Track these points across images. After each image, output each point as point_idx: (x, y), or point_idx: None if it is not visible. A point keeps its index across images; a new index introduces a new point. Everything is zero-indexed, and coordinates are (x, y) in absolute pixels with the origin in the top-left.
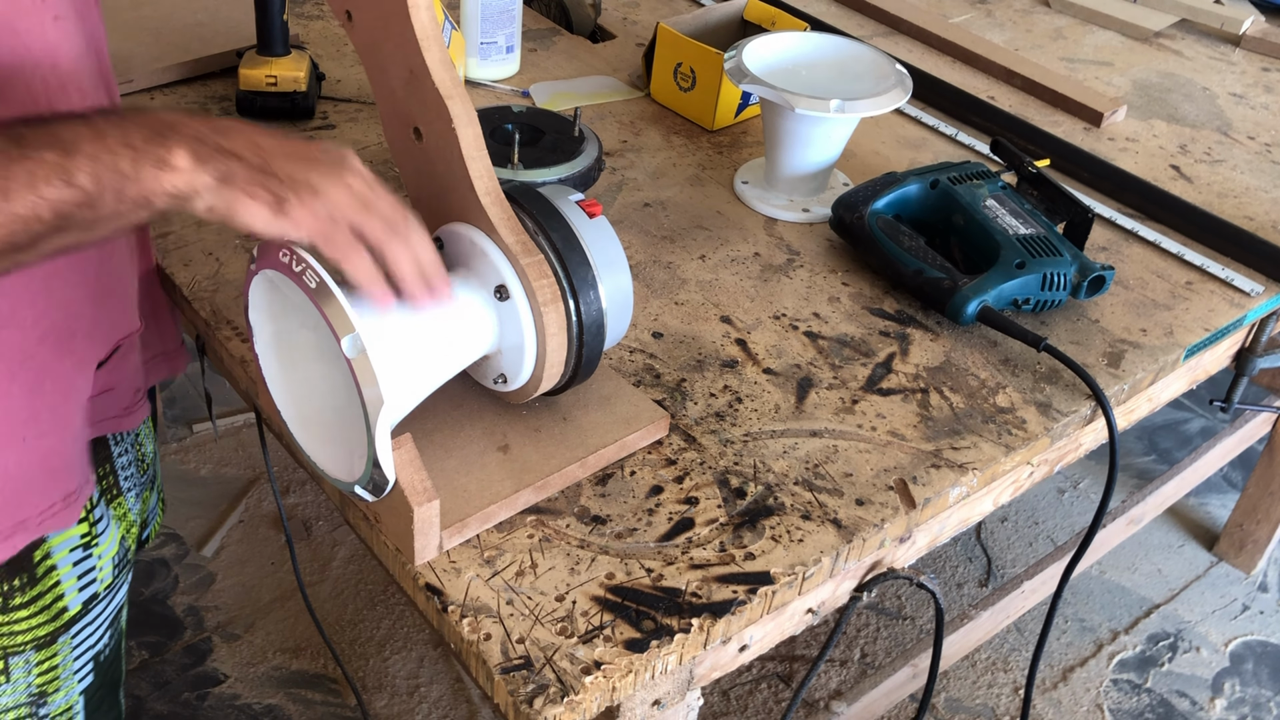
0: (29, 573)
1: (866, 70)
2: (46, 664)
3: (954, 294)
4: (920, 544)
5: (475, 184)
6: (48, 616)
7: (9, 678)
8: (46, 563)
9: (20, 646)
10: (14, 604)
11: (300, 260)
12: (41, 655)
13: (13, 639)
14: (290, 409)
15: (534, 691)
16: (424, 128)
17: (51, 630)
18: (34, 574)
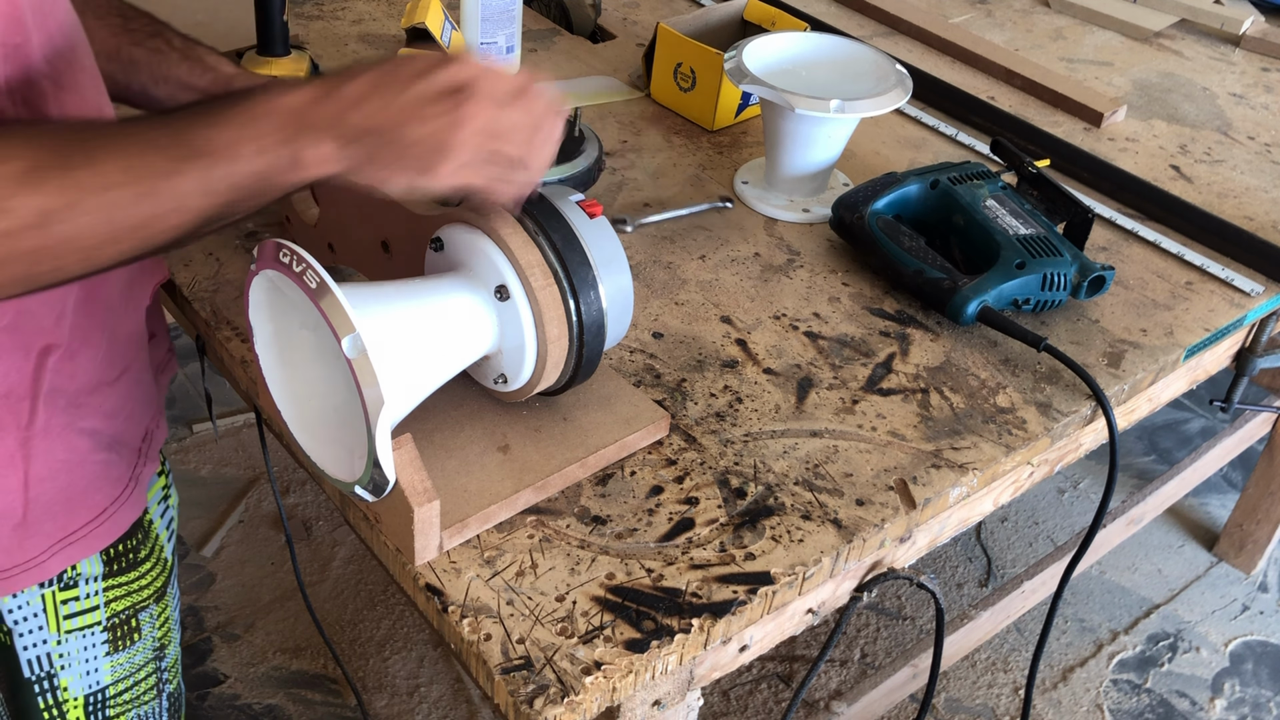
0: (143, 528)
1: (866, 70)
2: (163, 615)
3: (954, 294)
4: (920, 544)
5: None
6: (161, 567)
7: (141, 634)
8: (146, 515)
9: (146, 601)
10: (140, 556)
11: (300, 260)
12: (160, 607)
13: (141, 593)
14: (290, 409)
15: (534, 692)
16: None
17: (164, 581)
18: (143, 523)
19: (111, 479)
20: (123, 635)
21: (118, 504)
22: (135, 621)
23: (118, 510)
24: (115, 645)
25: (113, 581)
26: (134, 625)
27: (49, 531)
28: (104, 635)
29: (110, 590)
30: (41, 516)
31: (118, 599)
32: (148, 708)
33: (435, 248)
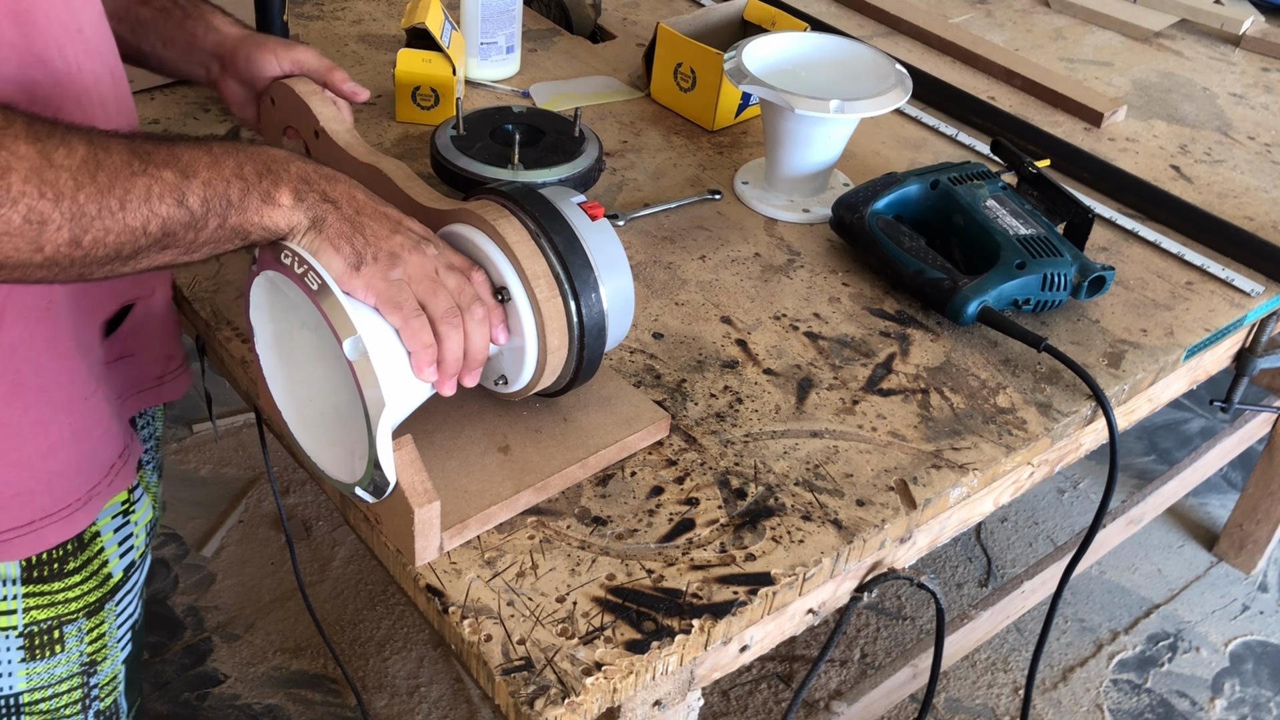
0: (77, 539)
1: (866, 70)
2: (95, 631)
3: (954, 294)
4: (920, 544)
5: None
6: (96, 582)
7: (64, 646)
8: (91, 529)
9: (74, 614)
10: (68, 569)
11: (302, 262)
12: (91, 623)
13: (67, 605)
14: (290, 409)
15: (535, 692)
16: None
17: (99, 597)
18: (81, 539)
19: (51, 495)
20: (42, 645)
21: (51, 519)
22: (59, 633)
23: (50, 525)
24: (32, 654)
25: (32, 588)
26: (56, 637)
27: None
28: (19, 641)
29: (30, 597)
30: None
31: (39, 607)
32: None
33: None
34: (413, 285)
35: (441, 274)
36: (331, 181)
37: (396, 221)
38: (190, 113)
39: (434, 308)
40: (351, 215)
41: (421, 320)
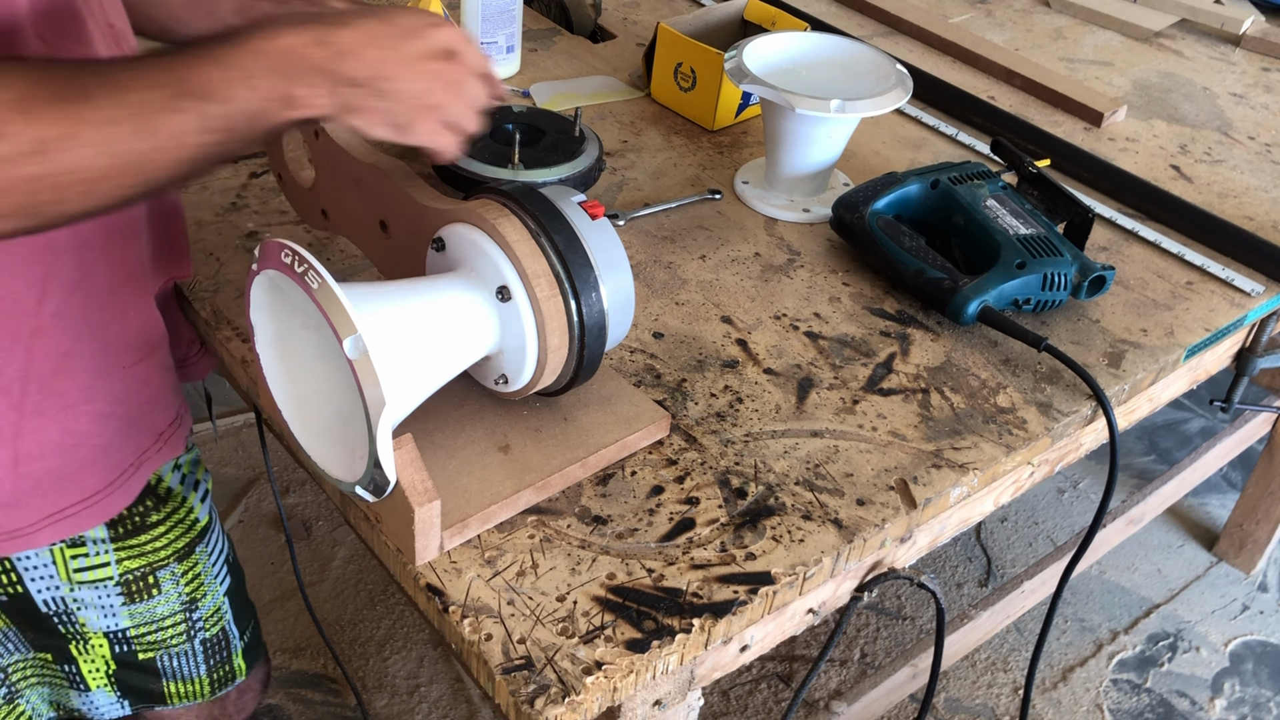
0: (153, 495)
1: (866, 70)
2: (189, 573)
3: (954, 294)
4: (921, 544)
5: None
6: (183, 529)
7: (160, 589)
8: (164, 484)
9: (164, 560)
10: (150, 522)
11: (302, 261)
12: (184, 566)
13: (156, 554)
14: (291, 409)
15: (535, 692)
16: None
17: (188, 542)
18: (158, 494)
19: (109, 464)
20: (139, 590)
21: (112, 488)
22: (153, 579)
23: (113, 492)
24: (132, 598)
25: (121, 544)
26: (151, 581)
27: (37, 507)
28: (118, 589)
29: (120, 551)
30: (30, 492)
31: (130, 558)
32: (178, 649)
33: (436, 248)
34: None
35: (475, 80)
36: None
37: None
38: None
39: (471, 115)
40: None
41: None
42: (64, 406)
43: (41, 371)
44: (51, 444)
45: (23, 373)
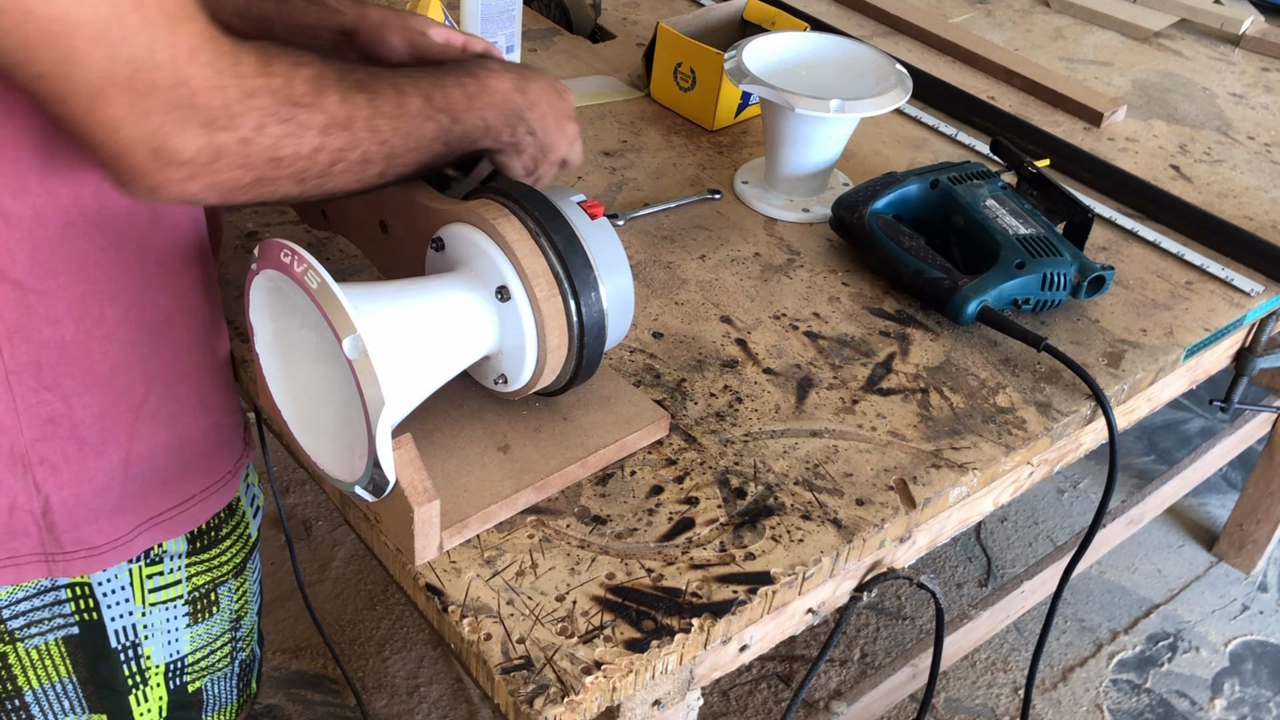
0: (229, 507)
1: (866, 70)
2: (240, 589)
3: (954, 294)
4: (920, 544)
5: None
6: (242, 543)
7: (219, 607)
8: (234, 495)
9: (225, 575)
10: (221, 535)
11: (302, 260)
12: (238, 582)
13: (221, 569)
14: (290, 409)
15: (534, 691)
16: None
17: (244, 557)
18: (230, 506)
19: (209, 469)
20: (202, 608)
21: (208, 492)
22: (214, 595)
23: (208, 497)
24: (195, 617)
25: (195, 558)
26: (213, 599)
27: (139, 511)
28: (185, 608)
29: (192, 566)
30: (133, 497)
31: (199, 574)
32: (221, 673)
33: (436, 248)
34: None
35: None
36: (536, 109)
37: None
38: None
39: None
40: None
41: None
42: (177, 413)
43: (162, 375)
44: (162, 447)
45: (145, 375)
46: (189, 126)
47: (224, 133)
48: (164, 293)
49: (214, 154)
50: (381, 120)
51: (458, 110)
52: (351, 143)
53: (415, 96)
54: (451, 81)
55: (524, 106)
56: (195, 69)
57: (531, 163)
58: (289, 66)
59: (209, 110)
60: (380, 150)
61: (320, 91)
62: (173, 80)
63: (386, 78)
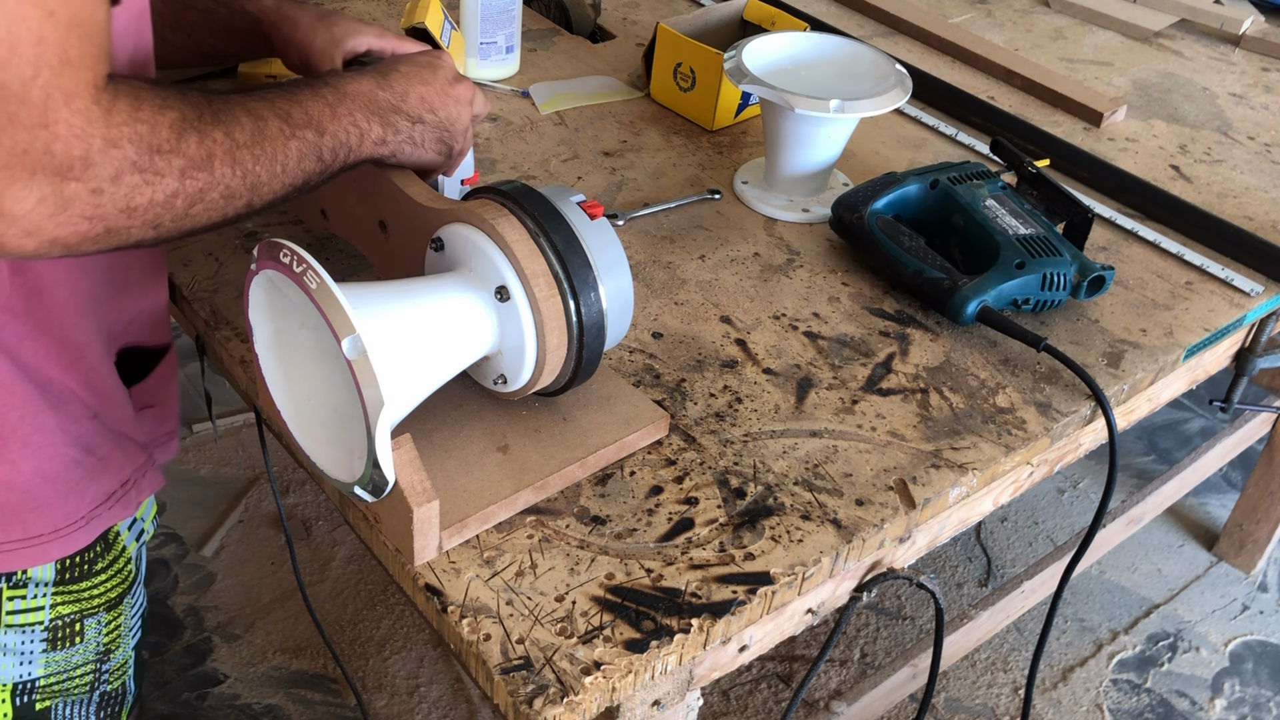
0: (105, 539)
1: (866, 70)
2: (113, 623)
3: (954, 294)
4: (920, 544)
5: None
6: (120, 579)
7: (84, 638)
8: (113, 529)
9: (95, 609)
10: (96, 569)
11: (301, 261)
12: (110, 615)
13: (90, 601)
14: (290, 409)
15: (534, 692)
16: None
17: (120, 592)
18: (107, 538)
19: (63, 512)
20: (63, 637)
21: (57, 535)
22: (79, 626)
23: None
24: (54, 645)
25: (62, 589)
26: (77, 629)
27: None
28: (43, 634)
29: (58, 595)
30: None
31: (65, 604)
32: (76, 698)
33: (435, 248)
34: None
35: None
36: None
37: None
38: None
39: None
40: (434, 120)
41: None
42: (46, 444)
43: (45, 403)
44: (22, 477)
45: (20, 401)
46: (36, 175)
47: (74, 183)
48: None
49: (59, 206)
50: (241, 151)
51: (322, 122)
52: (211, 182)
53: (273, 118)
54: (308, 95)
55: (394, 100)
56: (65, 114)
57: (440, 145)
58: (155, 110)
59: (65, 159)
60: (242, 183)
61: (180, 134)
62: (36, 121)
63: (242, 104)
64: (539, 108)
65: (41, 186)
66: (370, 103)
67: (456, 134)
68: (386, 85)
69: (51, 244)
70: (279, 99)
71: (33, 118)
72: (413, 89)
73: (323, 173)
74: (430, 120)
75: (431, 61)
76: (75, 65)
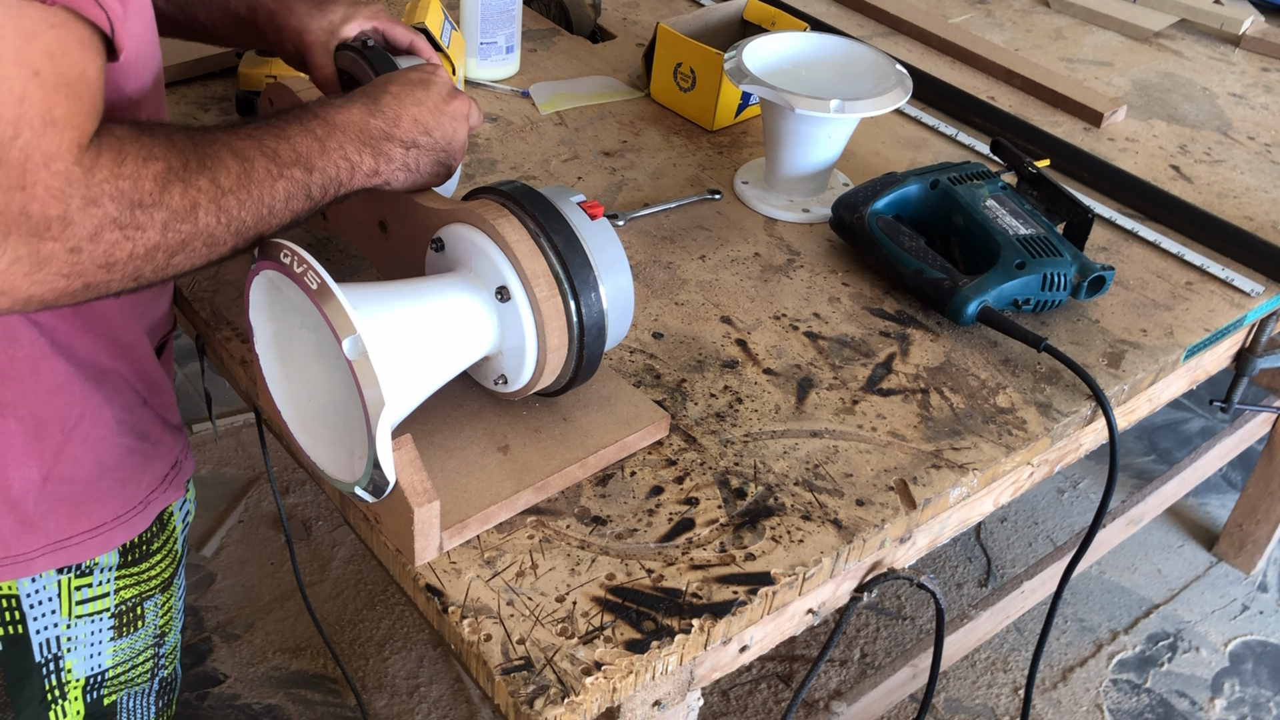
0: (160, 520)
1: (866, 70)
2: (166, 604)
3: (954, 294)
4: (920, 544)
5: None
6: (171, 559)
7: (144, 621)
8: (166, 509)
9: (152, 590)
10: (153, 549)
11: (301, 261)
12: (164, 597)
13: (149, 583)
14: (290, 409)
15: (534, 692)
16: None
17: (172, 572)
18: (162, 520)
19: (123, 499)
20: (127, 622)
21: (118, 522)
22: (140, 609)
23: (115, 529)
24: (120, 631)
25: (125, 571)
26: (139, 613)
27: (48, 532)
28: (110, 621)
29: (121, 579)
30: (46, 515)
31: (127, 588)
32: (139, 689)
33: (436, 248)
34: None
35: (463, 111)
36: (400, 124)
37: (449, 112)
38: (190, 113)
39: None
40: (428, 143)
41: None
42: (104, 435)
43: (101, 397)
44: (84, 470)
45: (79, 399)
46: (10, 235)
47: (52, 242)
48: (122, 311)
49: (35, 265)
50: (227, 198)
51: (310, 158)
52: (194, 232)
53: (260, 158)
54: (297, 130)
55: (386, 127)
56: (44, 175)
57: (438, 166)
58: (139, 164)
59: (42, 219)
60: (227, 230)
61: (165, 186)
62: (13, 183)
63: (228, 144)
64: (539, 108)
65: (16, 247)
66: (361, 133)
67: (454, 152)
68: (378, 111)
69: (26, 301)
70: (266, 137)
71: (9, 179)
72: (405, 111)
73: (311, 209)
74: (425, 143)
75: (425, 78)
76: (59, 125)
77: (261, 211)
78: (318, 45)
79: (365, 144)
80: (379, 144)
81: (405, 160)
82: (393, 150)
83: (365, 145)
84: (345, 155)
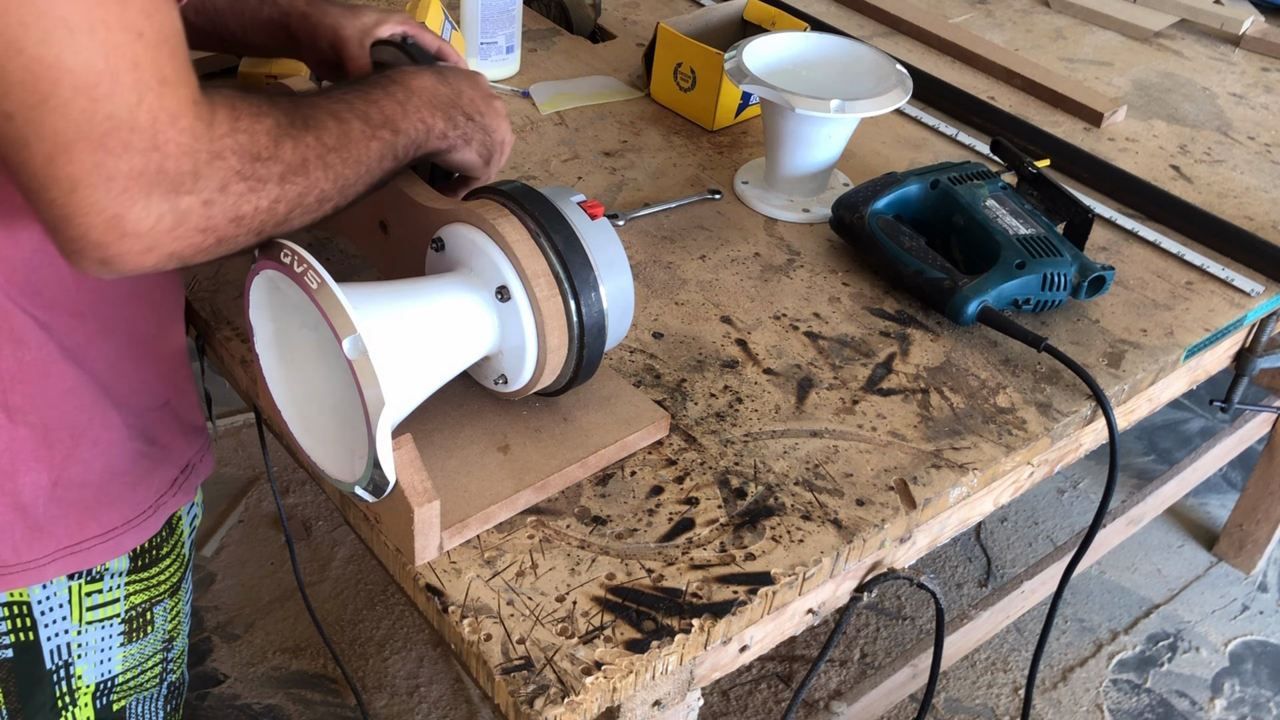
0: (169, 525)
1: (866, 70)
2: (175, 609)
3: (954, 294)
4: (920, 544)
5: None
6: (179, 563)
7: (154, 626)
8: (175, 514)
9: (161, 595)
10: (162, 554)
11: (301, 260)
12: (173, 601)
13: (159, 588)
14: (290, 409)
15: (535, 692)
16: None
17: (180, 576)
18: (171, 524)
19: (132, 504)
20: (137, 628)
21: (129, 526)
22: (150, 614)
23: (126, 534)
24: (130, 636)
25: (134, 576)
26: (149, 618)
27: (57, 538)
28: (120, 627)
29: (131, 584)
30: (56, 521)
31: (137, 593)
32: (149, 693)
33: (436, 248)
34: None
35: (503, 112)
36: (463, 98)
37: (497, 110)
38: (437, 77)
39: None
40: (483, 123)
41: None
42: (114, 440)
43: (111, 401)
44: (94, 474)
45: (89, 403)
46: (153, 193)
47: (188, 196)
48: (139, 312)
49: (176, 220)
50: (331, 155)
51: (396, 121)
52: (308, 186)
53: (354, 120)
54: (381, 94)
55: (453, 96)
56: (173, 134)
57: (484, 149)
58: (252, 119)
59: (177, 175)
60: (334, 185)
61: (277, 141)
62: (148, 144)
63: (325, 107)
64: (539, 108)
65: (159, 204)
66: (434, 98)
67: (495, 142)
68: (445, 82)
69: (169, 257)
70: (356, 100)
71: (144, 141)
72: (465, 89)
73: (396, 168)
74: (479, 120)
75: (471, 73)
76: (173, 84)
77: (360, 170)
78: (353, 40)
79: (437, 108)
80: (448, 109)
81: (465, 130)
82: (457, 117)
83: (437, 109)
84: (422, 118)
